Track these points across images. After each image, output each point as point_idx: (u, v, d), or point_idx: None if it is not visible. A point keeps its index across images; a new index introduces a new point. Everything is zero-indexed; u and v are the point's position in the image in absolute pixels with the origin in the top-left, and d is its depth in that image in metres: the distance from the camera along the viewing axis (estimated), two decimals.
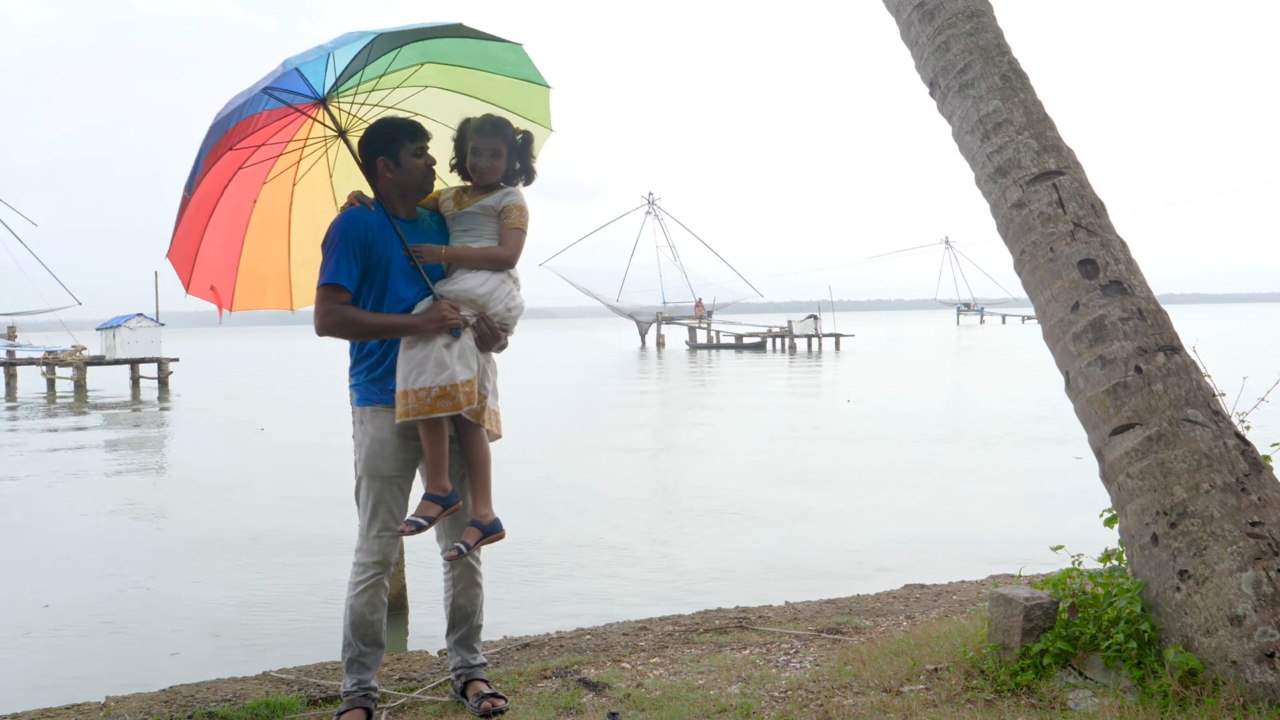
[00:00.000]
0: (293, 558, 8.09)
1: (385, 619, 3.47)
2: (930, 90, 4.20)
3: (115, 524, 9.89)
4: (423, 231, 3.45)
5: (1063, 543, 3.95)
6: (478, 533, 3.39)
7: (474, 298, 3.36)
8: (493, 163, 3.41)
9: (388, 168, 3.40)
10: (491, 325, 3.38)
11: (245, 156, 3.51)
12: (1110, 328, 3.51)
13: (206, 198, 3.49)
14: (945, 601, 5.30)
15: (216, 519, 9.92)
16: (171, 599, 7.02)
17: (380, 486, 3.40)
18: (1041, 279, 3.71)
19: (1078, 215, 3.68)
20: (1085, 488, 5.13)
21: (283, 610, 6.64)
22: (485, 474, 3.41)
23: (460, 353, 3.30)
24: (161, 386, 30.86)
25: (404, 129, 3.42)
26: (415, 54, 3.47)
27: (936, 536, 8.30)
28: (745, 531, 8.70)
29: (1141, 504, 3.35)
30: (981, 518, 9.07)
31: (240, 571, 7.70)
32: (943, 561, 7.18)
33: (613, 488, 11.27)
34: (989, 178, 3.91)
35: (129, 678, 5.06)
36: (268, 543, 8.68)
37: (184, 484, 12.71)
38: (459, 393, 3.26)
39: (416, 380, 3.26)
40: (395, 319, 3.33)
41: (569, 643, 4.58)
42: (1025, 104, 3.88)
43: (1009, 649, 3.45)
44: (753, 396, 23.31)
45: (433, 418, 3.26)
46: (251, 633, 6.16)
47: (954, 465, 12.34)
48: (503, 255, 3.43)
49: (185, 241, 3.50)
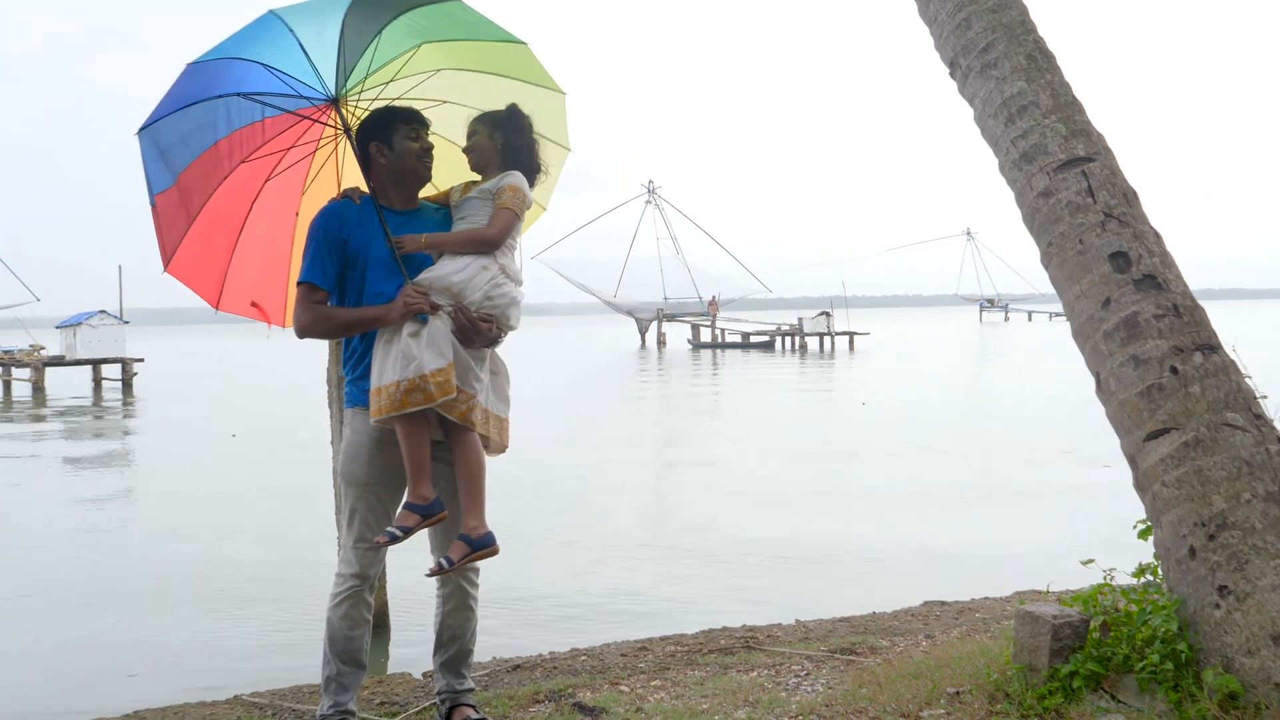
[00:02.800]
0: (267, 572, 8.09)
1: (367, 638, 3.47)
2: (950, 71, 4.20)
3: (70, 534, 9.89)
4: (422, 224, 3.47)
5: (1093, 556, 3.95)
6: (465, 548, 3.33)
7: (448, 285, 3.33)
8: (474, 147, 3.49)
9: (381, 152, 3.45)
10: (469, 316, 3.32)
11: (271, 165, 3.62)
12: (1144, 325, 3.51)
13: (225, 213, 3.60)
14: (967, 619, 5.30)
15: (182, 529, 9.92)
16: (131, 615, 7.02)
17: (356, 494, 3.42)
18: (1070, 273, 3.71)
19: (1108, 205, 3.68)
20: (1117, 497, 5.14)
21: (255, 628, 6.64)
22: (477, 483, 3.37)
23: (429, 340, 3.23)
24: (125, 389, 30.87)
25: (400, 114, 3.48)
26: (403, 34, 3.50)
27: (958, 550, 8.30)
28: (753, 544, 8.69)
29: (1178, 514, 3.35)
30: (1006, 529, 9.07)
31: (208, 587, 7.69)
32: (965, 576, 7.18)
33: (610, 496, 11.28)
34: (1013, 164, 3.92)
35: (85, 702, 5.02)
36: (238, 557, 8.67)
37: (148, 492, 12.73)
38: (429, 384, 3.20)
39: (386, 376, 3.26)
40: (364, 312, 3.37)
41: (563, 664, 4.59)
42: (1052, 85, 3.88)
43: (1036, 670, 3.45)
44: (761, 399, 23.33)
45: (405, 414, 3.22)
46: (220, 652, 6.15)
47: (976, 473, 12.35)
48: (484, 235, 3.39)
49: (202, 258, 3.62)
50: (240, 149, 3.54)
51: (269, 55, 3.37)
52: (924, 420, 17.64)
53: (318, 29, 3.34)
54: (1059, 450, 13.85)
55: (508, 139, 3.50)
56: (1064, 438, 14.76)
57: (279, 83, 3.42)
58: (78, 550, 9.24)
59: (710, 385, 29.52)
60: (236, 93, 3.42)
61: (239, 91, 3.41)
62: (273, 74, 3.40)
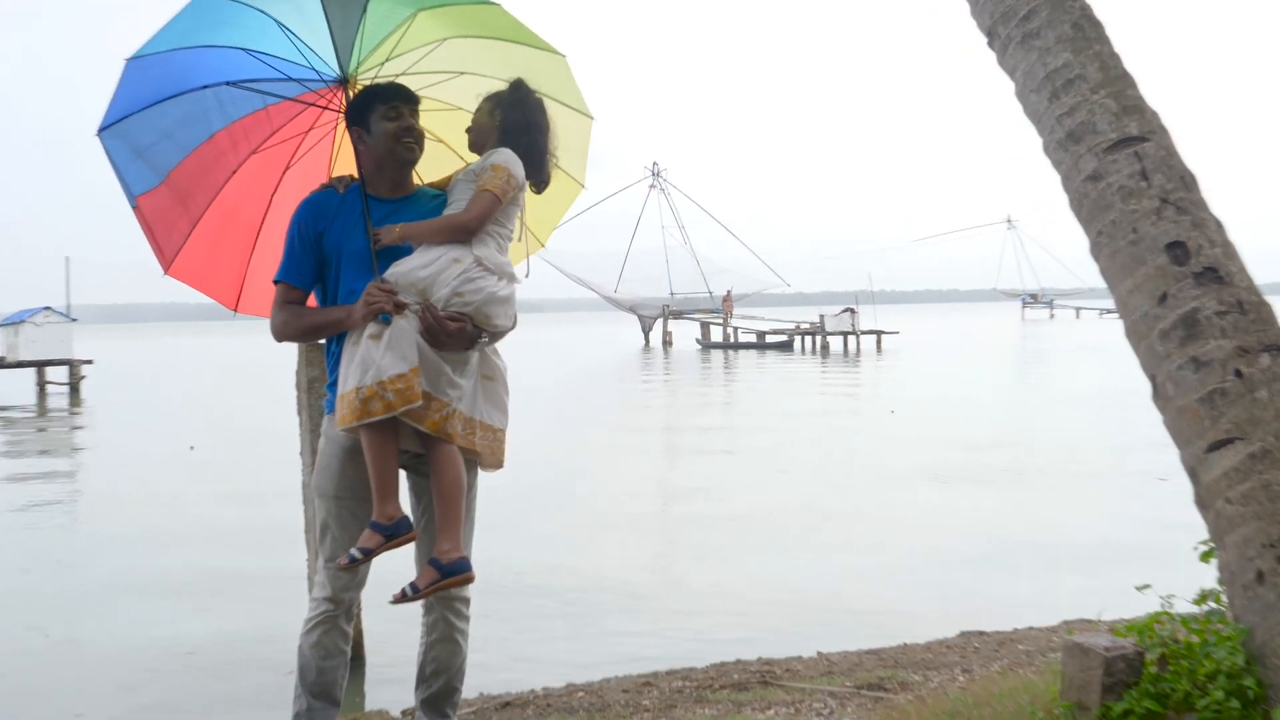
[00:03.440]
0: (232, 598, 8.09)
1: (342, 671, 3.47)
2: (988, 40, 4.20)
3: (10, 555, 9.86)
4: (414, 212, 3.46)
5: (1149, 580, 3.94)
6: (433, 574, 3.31)
7: (413, 281, 3.30)
8: (473, 124, 3.52)
9: (360, 138, 3.47)
10: (437, 315, 3.27)
11: (287, 154, 3.70)
12: (1204, 323, 3.50)
13: (239, 210, 3.69)
14: (1009, 652, 5.30)
15: (136, 551, 9.93)
16: (78, 646, 7.02)
17: (327, 508, 3.44)
18: (1122, 265, 3.71)
19: (1164, 189, 3.67)
20: (1176, 515, 5.13)
21: (217, 660, 6.63)
22: (453, 503, 3.33)
23: (390, 342, 3.21)
24: (73, 393, 30.95)
25: (378, 92, 3.49)
26: (392, 3, 3.52)
27: (998, 573, 8.31)
28: (769, 568, 8.70)
29: (1244, 534, 3.34)
30: (1052, 551, 9.06)
31: (164, 614, 7.69)
32: (1006, 604, 7.18)
33: (611, 513, 11.28)
34: (1059, 144, 3.91)
35: None
36: (201, 582, 8.67)
37: (98, 510, 12.74)
38: (388, 391, 3.18)
39: (348, 382, 3.26)
40: (329, 313, 3.41)
41: (558, 701, 4.59)
42: (1101, 57, 3.87)
43: (1086, 709, 3.45)
44: (777, 407, 23.34)
45: (366, 424, 3.21)
46: (176, 686, 6.16)
47: (1017, 489, 12.34)
48: (457, 221, 3.36)
49: (213, 259, 3.72)
50: (247, 140, 3.61)
51: (244, 39, 3.41)
52: (959, 430, 17.63)
53: (293, 6, 3.37)
54: (1110, 463, 13.84)
55: (505, 116, 3.49)
56: (1115, 449, 14.75)
57: (267, 68, 3.46)
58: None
59: (722, 390, 29.55)
60: (225, 82, 3.46)
61: (227, 80, 3.46)
62: (257, 58, 3.43)
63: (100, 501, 13.83)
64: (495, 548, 5.80)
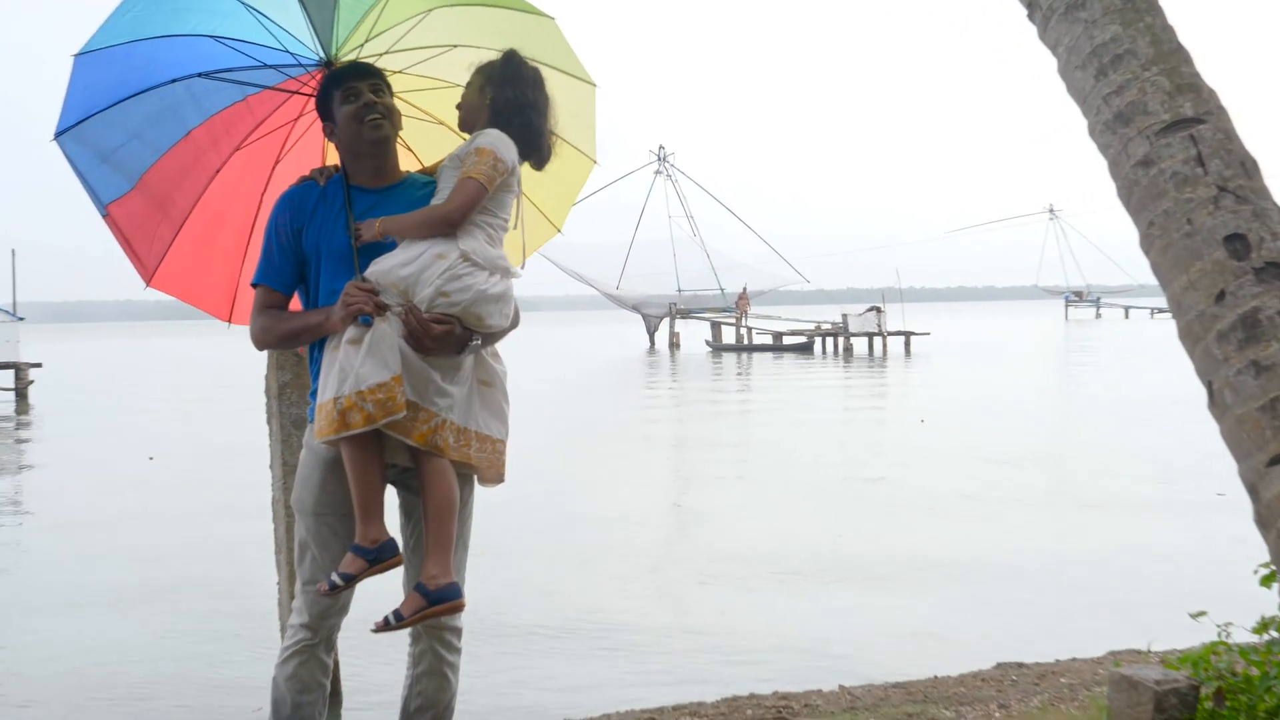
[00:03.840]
0: (194, 626, 8.09)
1: (320, 707, 3.46)
2: (1028, 13, 4.21)
3: None
4: (401, 201, 3.43)
5: (1204, 607, 3.95)
6: (419, 600, 3.28)
7: (395, 280, 3.27)
8: (462, 102, 3.50)
9: (330, 132, 3.48)
10: (421, 317, 3.23)
11: (275, 146, 3.70)
12: (1266, 324, 3.50)
13: (227, 213, 3.70)
14: (1050, 685, 5.30)
15: (91, 567, 9.93)
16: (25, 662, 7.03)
17: (305, 525, 3.44)
18: (1175, 259, 3.71)
19: (1223, 176, 3.68)
20: (1235, 534, 5.13)
21: (174, 699, 6.62)
22: (443, 523, 3.31)
23: (370, 348, 3.18)
24: (20, 399, 30.95)
25: (333, 77, 3.49)
26: None
27: (1039, 599, 8.29)
28: (787, 593, 8.71)
29: None
30: (1096, 575, 9.05)
31: (113, 645, 7.63)
32: (1046, 632, 7.18)
33: (613, 531, 11.29)
34: (1106, 126, 3.92)
35: None
36: (159, 608, 8.67)
37: (50, 526, 12.73)
38: (367, 402, 3.15)
39: (326, 391, 3.25)
40: (306, 317, 3.40)
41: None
42: (1153, 30, 3.88)
43: None
44: (795, 416, 23.35)
45: (345, 437, 3.19)
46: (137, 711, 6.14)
47: (1058, 506, 12.33)
48: (438, 213, 3.32)
49: (202, 267, 3.74)
50: (228, 135, 3.60)
51: (211, 25, 3.41)
52: (994, 441, 17.63)
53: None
54: (1161, 477, 13.82)
55: (495, 94, 3.45)
56: (1167, 463, 14.73)
57: (241, 56, 3.47)
58: None
59: (736, 399, 29.56)
60: (197, 73, 3.46)
61: (199, 72, 3.46)
62: (228, 46, 3.44)
63: (49, 520, 13.80)
64: (488, 571, 5.80)
